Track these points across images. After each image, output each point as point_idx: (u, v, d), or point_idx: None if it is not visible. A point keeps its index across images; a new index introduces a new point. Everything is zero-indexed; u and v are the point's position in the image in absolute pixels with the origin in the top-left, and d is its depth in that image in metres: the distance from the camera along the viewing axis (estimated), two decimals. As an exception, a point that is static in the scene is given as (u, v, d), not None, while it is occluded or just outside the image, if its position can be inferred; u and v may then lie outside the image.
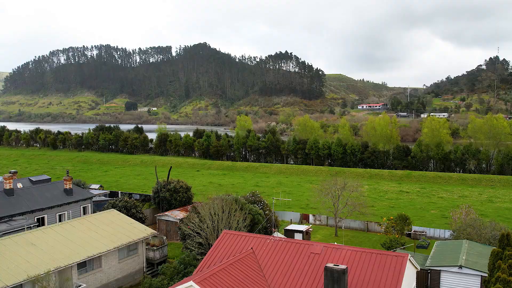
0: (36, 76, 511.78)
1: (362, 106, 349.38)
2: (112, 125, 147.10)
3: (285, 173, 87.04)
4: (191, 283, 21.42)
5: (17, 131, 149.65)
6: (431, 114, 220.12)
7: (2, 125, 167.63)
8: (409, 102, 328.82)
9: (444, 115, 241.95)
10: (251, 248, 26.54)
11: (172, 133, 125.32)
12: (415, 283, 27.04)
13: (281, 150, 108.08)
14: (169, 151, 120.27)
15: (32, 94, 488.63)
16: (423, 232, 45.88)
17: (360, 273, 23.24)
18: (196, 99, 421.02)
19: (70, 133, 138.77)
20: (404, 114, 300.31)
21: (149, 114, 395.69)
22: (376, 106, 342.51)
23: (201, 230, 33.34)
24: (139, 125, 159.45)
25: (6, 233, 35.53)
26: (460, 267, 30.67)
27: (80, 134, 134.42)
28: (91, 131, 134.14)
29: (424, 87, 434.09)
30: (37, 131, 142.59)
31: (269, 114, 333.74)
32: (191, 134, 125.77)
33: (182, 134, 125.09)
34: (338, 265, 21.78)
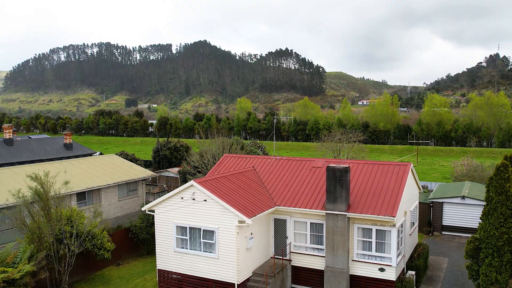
0: (36, 74, 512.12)
1: (362, 102, 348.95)
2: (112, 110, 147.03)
3: (285, 149, 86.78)
4: (192, 182, 21.23)
5: (17, 118, 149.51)
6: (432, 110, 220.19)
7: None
8: (409, 98, 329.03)
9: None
10: (252, 166, 26.34)
11: (172, 117, 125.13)
12: (417, 202, 26.80)
13: (281, 132, 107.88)
14: (169, 134, 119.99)
15: (33, 91, 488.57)
16: (424, 186, 45.65)
17: (363, 180, 23.03)
18: (196, 96, 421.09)
19: (70, 118, 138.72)
20: (404, 109, 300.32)
21: (150, 110, 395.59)
22: (375, 103, 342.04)
23: (201, 166, 33.11)
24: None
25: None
26: (463, 197, 30.46)
27: (80, 120, 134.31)
28: (91, 115, 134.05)
29: (425, 85, 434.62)
30: (37, 116, 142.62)
31: (269, 110, 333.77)
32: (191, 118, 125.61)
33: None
34: (340, 165, 21.58)
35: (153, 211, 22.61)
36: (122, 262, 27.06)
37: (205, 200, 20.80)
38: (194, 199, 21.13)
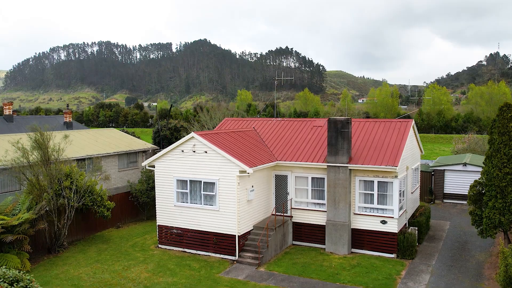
0: (37, 73, 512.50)
1: (362, 100, 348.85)
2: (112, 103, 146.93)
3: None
4: (192, 134, 21.10)
5: (17, 111, 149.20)
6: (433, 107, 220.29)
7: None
8: (409, 95, 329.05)
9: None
10: (253, 127, 26.21)
11: (172, 108, 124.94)
12: (419, 163, 26.66)
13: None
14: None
15: (33, 90, 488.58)
16: (425, 164, 45.45)
17: (364, 136, 22.90)
18: (196, 95, 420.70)
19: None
20: (405, 107, 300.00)
21: (150, 109, 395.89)
22: (376, 100, 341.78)
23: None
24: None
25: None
26: (465, 164, 30.35)
27: (81, 112, 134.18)
28: (91, 108, 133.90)
29: (425, 84, 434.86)
30: (37, 109, 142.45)
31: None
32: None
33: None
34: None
35: (153, 167, 22.48)
36: (122, 225, 26.93)
37: (206, 152, 20.66)
38: (194, 151, 20.99)
